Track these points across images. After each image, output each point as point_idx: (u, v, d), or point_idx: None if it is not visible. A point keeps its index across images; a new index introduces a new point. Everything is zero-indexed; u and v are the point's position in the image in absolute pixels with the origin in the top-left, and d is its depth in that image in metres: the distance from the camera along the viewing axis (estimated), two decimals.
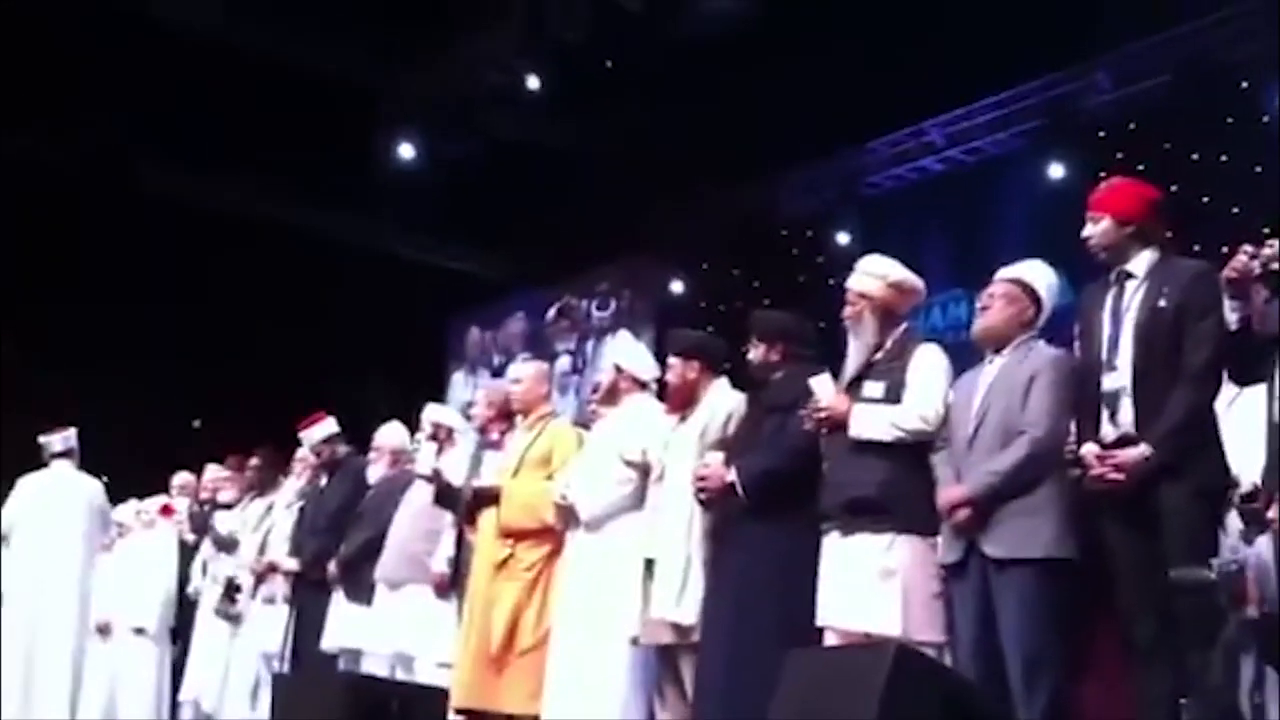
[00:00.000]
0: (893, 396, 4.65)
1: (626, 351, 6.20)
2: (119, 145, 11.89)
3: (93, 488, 8.58)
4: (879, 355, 4.78)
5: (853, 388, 4.75)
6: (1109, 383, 4.19)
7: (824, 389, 4.75)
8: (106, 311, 12.31)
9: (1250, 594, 3.45)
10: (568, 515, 5.72)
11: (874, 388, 4.69)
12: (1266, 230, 4.04)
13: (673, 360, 5.58)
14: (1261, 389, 4.23)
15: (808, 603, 4.68)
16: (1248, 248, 3.97)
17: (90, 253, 12.09)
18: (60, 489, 8.36)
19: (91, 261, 12.13)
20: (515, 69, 11.27)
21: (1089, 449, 4.17)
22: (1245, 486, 4.23)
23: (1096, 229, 4.35)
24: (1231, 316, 4.02)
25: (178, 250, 12.39)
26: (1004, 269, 4.69)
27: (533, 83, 11.16)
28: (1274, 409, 4.01)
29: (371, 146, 11.94)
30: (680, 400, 5.54)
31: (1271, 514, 3.75)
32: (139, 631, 8.33)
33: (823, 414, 4.71)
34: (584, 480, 5.73)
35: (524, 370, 6.60)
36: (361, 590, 6.77)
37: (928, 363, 4.70)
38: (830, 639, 4.64)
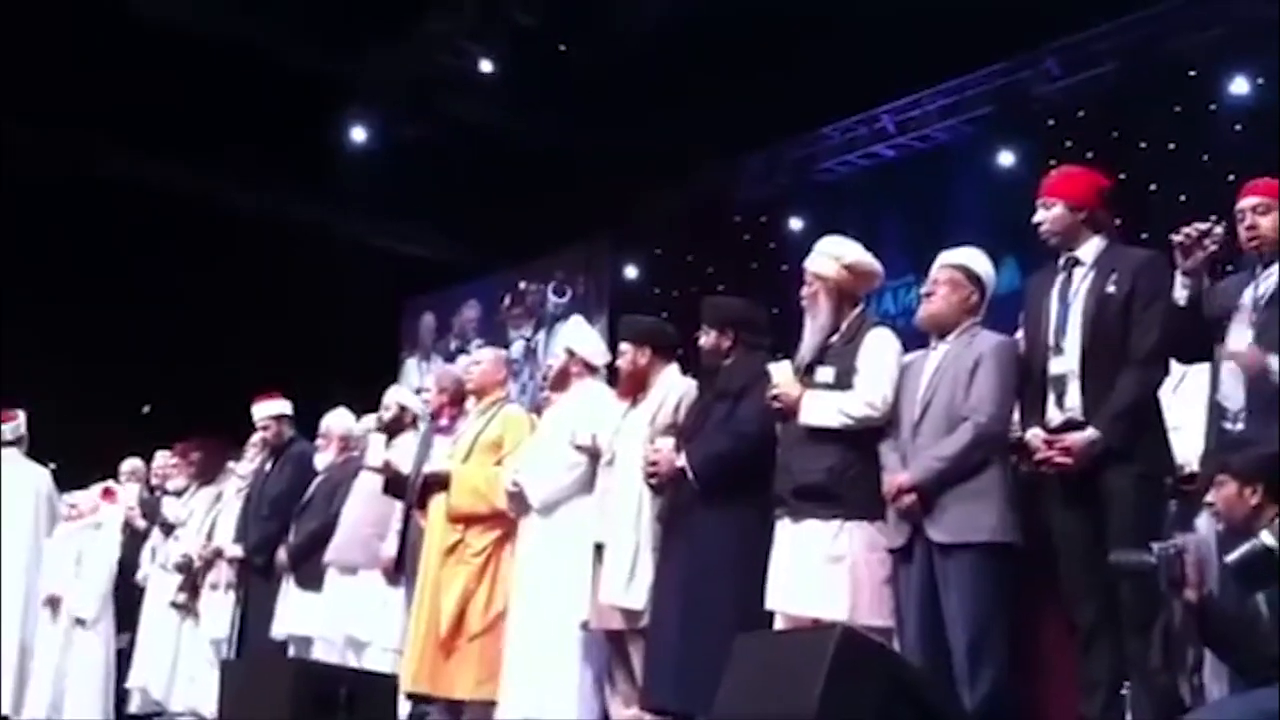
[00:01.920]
0: (844, 382, 4.66)
1: (578, 336, 6.21)
2: (70, 130, 11.76)
3: (40, 475, 8.49)
4: (833, 339, 4.78)
5: (807, 372, 4.77)
6: (1056, 367, 4.22)
7: (781, 374, 4.77)
8: (56, 297, 12.19)
9: (1190, 577, 3.48)
10: (519, 501, 5.73)
11: (825, 372, 4.70)
12: (1214, 218, 4.09)
13: (624, 346, 5.58)
14: (1206, 371, 4.30)
15: (758, 587, 4.70)
16: (1199, 225, 4.02)
17: (40, 239, 11.96)
18: (8, 477, 8.26)
19: (40, 248, 12.01)
20: (469, 52, 11.22)
21: (1035, 433, 4.20)
22: (1186, 469, 4.29)
23: (1049, 214, 4.38)
24: (1182, 293, 4.07)
25: (128, 235, 12.28)
26: (945, 254, 4.72)
27: (486, 66, 11.11)
28: (1215, 389, 4.07)
29: (325, 129, 11.86)
30: (632, 386, 5.55)
31: (1209, 496, 3.80)
32: (80, 622, 8.25)
33: (776, 400, 4.73)
34: (534, 465, 5.74)
35: (484, 354, 6.70)
36: (312, 578, 6.77)
37: (877, 347, 4.70)
38: (780, 623, 4.67)
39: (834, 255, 4.88)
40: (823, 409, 4.64)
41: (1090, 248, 4.33)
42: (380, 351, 14.44)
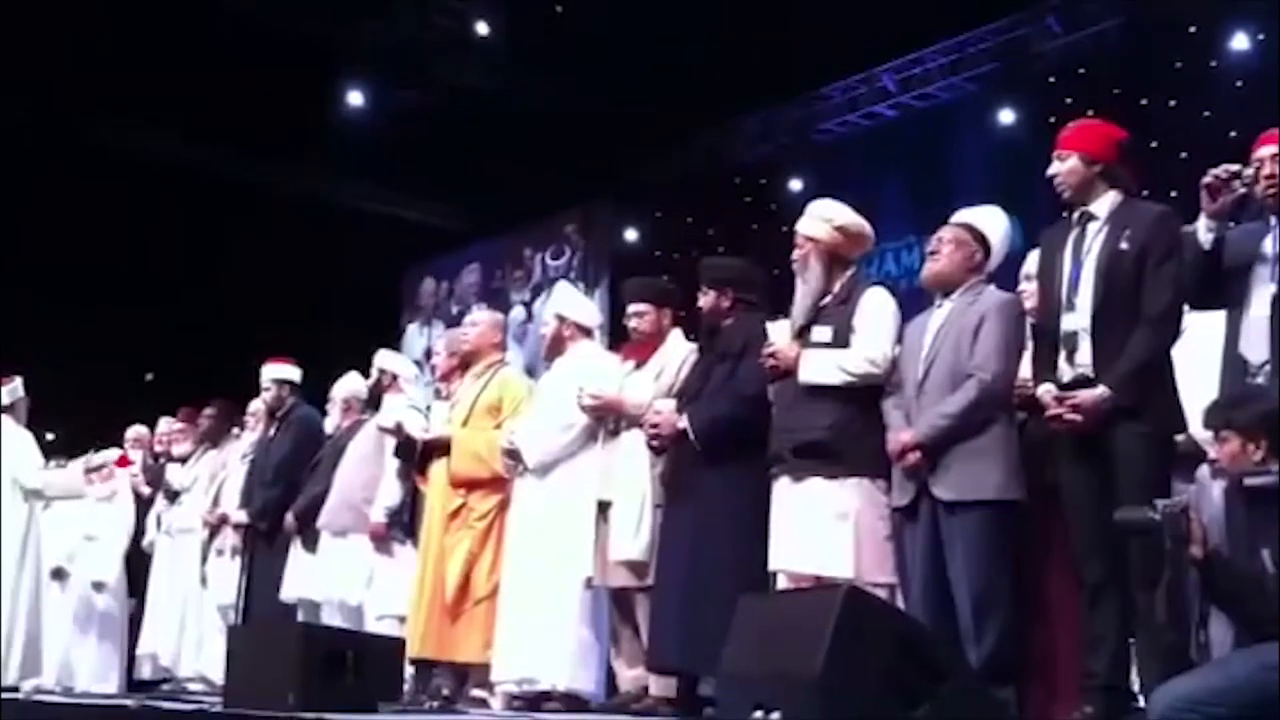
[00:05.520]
0: (841, 340, 4.68)
1: (567, 300, 6.19)
2: (63, 100, 11.70)
3: (21, 438, 8.43)
4: (827, 300, 4.79)
5: (802, 333, 4.77)
6: (1068, 323, 4.19)
7: (779, 334, 4.78)
8: (58, 268, 12.18)
9: (1194, 534, 3.49)
10: (515, 461, 5.74)
11: (822, 332, 4.72)
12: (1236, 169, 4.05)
13: (644, 307, 5.60)
14: (1207, 328, 4.28)
15: (761, 547, 4.72)
16: (1229, 167, 3.98)
17: (40, 209, 11.92)
18: None
19: (41, 218, 11.97)
20: (465, 15, 11.16)
21: (1046, 389, 4.18)
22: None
23: (1063, 167, 4.31)
24: (1206, 236, 4.03)
25: (129, 205, 12.24)
26: (958, 214, 4.72)
27: (483, 29, 11.06)
28: (1236, 342, 4.04)
29: (322, 95, 11.81)
30: (650, 347, 5.57)
31: (1213, 453, 3.79)
32: (97, 586, 8.29)
33: (772, 359, 4.73)
34: (531, 426, 5.74)
35: (480, 316, 6.68)
36: (316, 542, 6.82)
37: (874, 305, 4.72)
38: (782, 582, 4.69)
39: (825, 217, 4.89)
40: (822, 366, 4.65)
41: (1104, 202, 4.27)
42: (382, 317, 14.42)
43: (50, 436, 8.88)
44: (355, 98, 11.77)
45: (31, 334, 11.29)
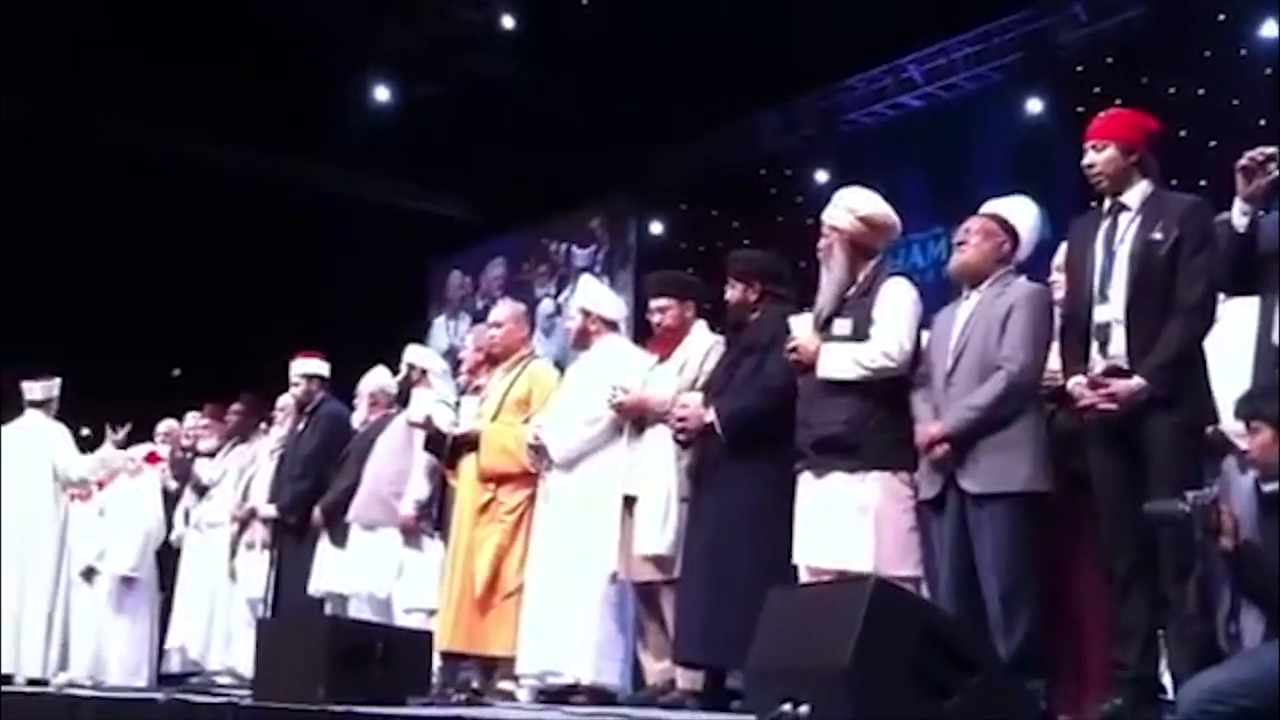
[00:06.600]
0: (861, 333, 4.65)
1: (591, 294, 6.19)
2: (90, 97, 11.75)
3: (59, 434, 8.50)
4: (850, 291, 4.76)
5: (825, 325, 4.74)
6: (1101, 314, 4.16)
7: (801, 328, 4.76)
8: (88, 264, 12.24)
9: (1225, 525, 3.47)
10: (541, 455, 5.75)
11: (843, 324, 4.70)
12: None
13: (667, 301, 5.60)
14: (1238, 317, 4.25)
15: (785, 540, 4.71)
16: (1265, 149, 3.95)
17: (68, 207, 11.98)
18: (28, 438, 8.28)
19: (68, 215, 12.03)
20: (490, 8, 11.17)
21: (1078, 381, 4.15)
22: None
23: (1100, 156, 4.28)
24: (1241, 220, 4.00)
25: (155, 202, 12.30)
26: (986, 204, 4.69)
27: (508, 22, 11.07)
28: (1269, 330, 4.01)
29: (346, 90, 11.83)
30: (675, 340, 5.56)
31: (1244, 444, 3.77)
32: (127, 580, 8.33)
33: (794, 353, 4.72)
34: (556, 421, 5.75)
35: (502, 313, 6.62)
36: (344, 536, 6.84)
37: (893, 298, 4.68)
38: (804, 577, 4.67)
39: (849, 207, 4.85)
40: (839, 361, 4.63)
41: (1136, 192, 4.24)
42: (408, 311, 14.46)
43: (85, 432, 8.92)
44: (380, 93, 11.80)
45: (60, 331, 11.36)
